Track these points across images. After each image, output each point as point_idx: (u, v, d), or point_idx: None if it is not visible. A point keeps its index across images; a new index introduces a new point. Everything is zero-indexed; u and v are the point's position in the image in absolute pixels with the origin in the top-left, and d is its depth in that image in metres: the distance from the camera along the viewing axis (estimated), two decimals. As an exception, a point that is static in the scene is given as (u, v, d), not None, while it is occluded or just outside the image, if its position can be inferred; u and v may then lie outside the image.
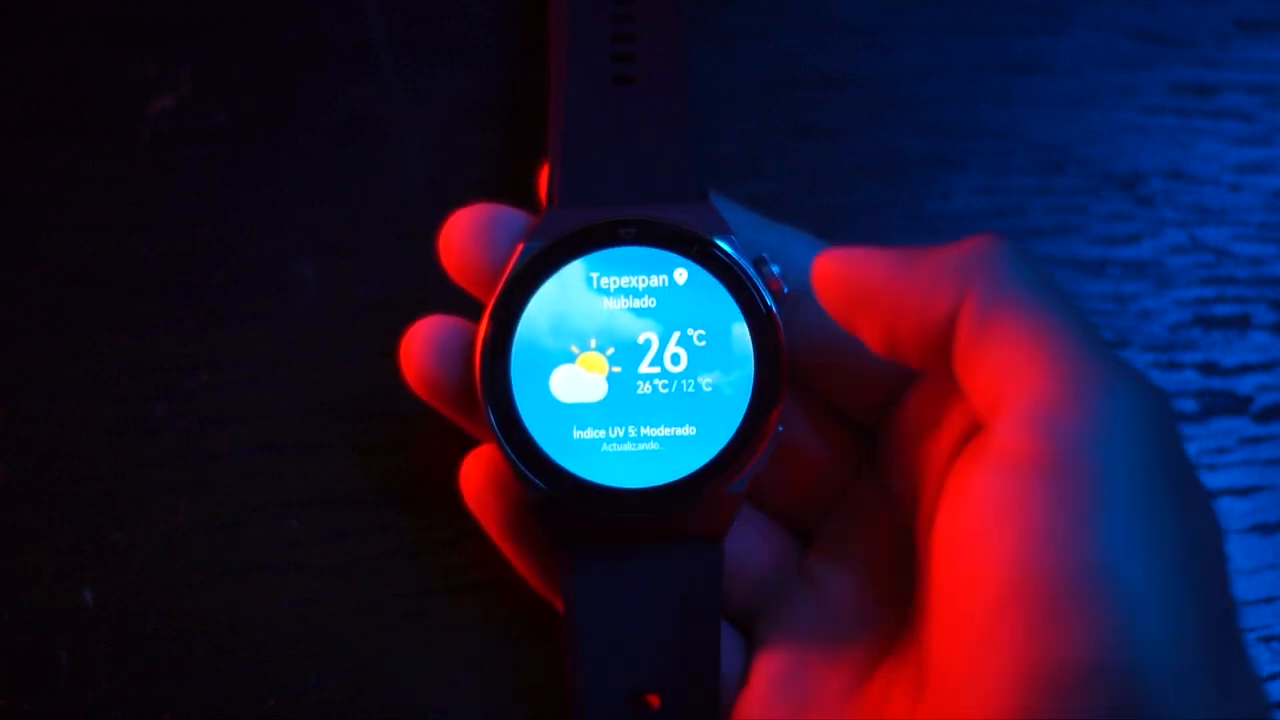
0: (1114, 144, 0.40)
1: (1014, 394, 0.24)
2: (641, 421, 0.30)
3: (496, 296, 0.31)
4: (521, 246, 0.31)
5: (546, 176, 0.32)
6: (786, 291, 0.31)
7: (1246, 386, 0.38)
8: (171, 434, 0.36)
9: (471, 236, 0.32)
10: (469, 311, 0.32)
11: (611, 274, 0.31)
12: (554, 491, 0.30)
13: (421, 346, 0.32)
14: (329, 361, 0.37)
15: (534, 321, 0.30)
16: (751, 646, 0.32)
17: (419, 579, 0.35)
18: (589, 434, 0.30)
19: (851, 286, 0.28)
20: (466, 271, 0.32)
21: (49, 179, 0.38)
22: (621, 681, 0.31)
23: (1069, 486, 0.22)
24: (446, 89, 0.39)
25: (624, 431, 0.30)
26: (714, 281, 0.31)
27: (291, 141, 0.38)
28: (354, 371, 0.36)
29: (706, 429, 0.30)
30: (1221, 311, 0.38)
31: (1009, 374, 0.24)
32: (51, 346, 0.36)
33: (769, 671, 0.30)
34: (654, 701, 0.31)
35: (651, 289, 0.31)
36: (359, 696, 0.34)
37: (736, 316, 0.30)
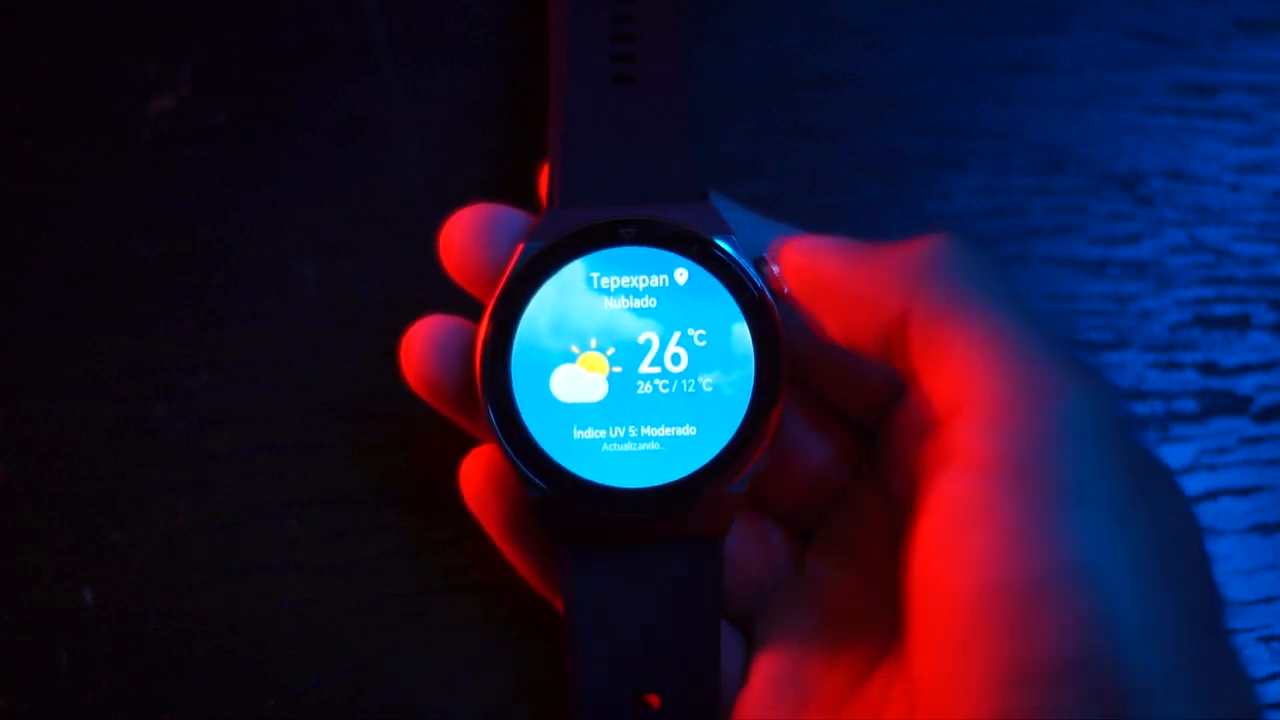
0: (1114, 144, 0.40)
1: (969, 400, 0.24)
2: (642, 421, 0.30)
3: (497, 296, 0.30)
4: (522, 246, 0.31)
5: (546, 176, 0.32)
6: (786, 291, 0.31)
7: (1246, 386, 0.38)
8: (171, 434, 0.36)
9: (471, 236, 0.32)
10: (469, 311, 0.32)
11: (612, 274, 0.31)
12: (554, 491, 0.30)
13: (421, 346, 0.32)
14: (329, 361, 0.37)
15: (534, 321, 0.30)
16: (751, 646, 0.32)
17: (419, 579, 0.35)
18: (589, 434, 0.30)
19: (810, 278, 0.28)
20: (466, 271, 0.32)
21: (49, 179, 0.38)
22: (621, 681, 0.31)
23: (1031, 489, 0.22)
24: (446, 89, 0.39)
25: (624, 431, 0.30)
26: (714, 281, 0.31)
27: (291, 141, 0.38)
28: (354, 371, 0.36)
29: (707, 429, 0.30)
30: (1221, 311, 0.38)
31: (962, 379, 0.24)
32: (51, 346, 0.36)
33: (768, 671, 0.30)
34: (654, 701, 0.31)
35: (652, 289, 0.31)
36: (359, 696, 0.34)
37: (737, 316, 0.30)
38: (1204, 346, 0.38)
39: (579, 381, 0.30)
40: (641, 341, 0.30)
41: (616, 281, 0.31)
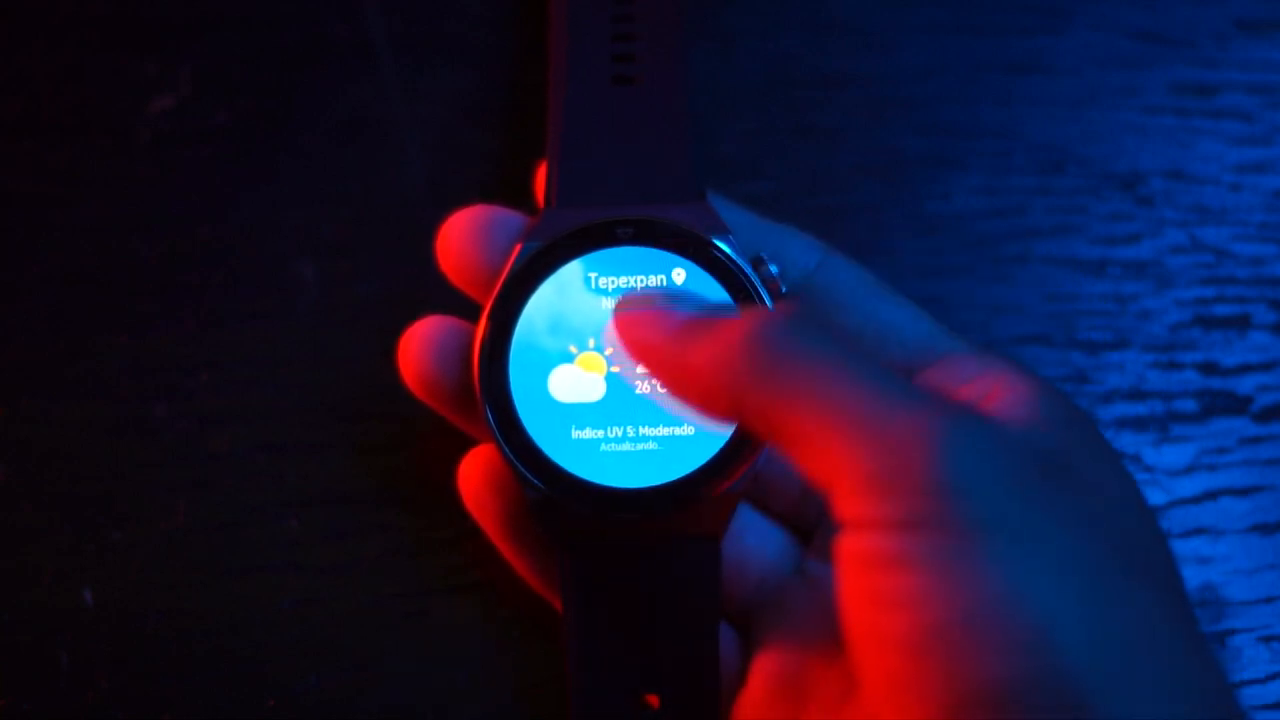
0: (1114, 144, 0.40)
1: (836, 476, 0.23)
2: (640, 421, 0.30)
3: (494, 297, 0.30)
4: (519, 247, 0.31)
5: (543, 176, 0.32)
6: (784, 291, 0.31)
7: (1246, 386, 0.38)
8: (171, 434, 0.36)
9: (469, 238, 0.32)
10: (469, 312, 0.32)
11: (610, 274, 0.31)
12: (553, 491, 0.30)
13: (420, 347, 0.32)
14: (329, 361, 0.37)
15: (532, 322, 0.30)
16: (751, 646, 0.32)
17: (419, 579, 0.35)
18: (587, 434, 0.30)
19: (643, 358, 0.27)
20: (464, 273, 0.32)
21: (49, 179, 0.38)
22: (621, 681, 0.31)
23: (928, 536, 0.22)
24: (446, 89, 0.39)
25: (622, 431, 0.30)
26: (712, 282, 0.31)
27: (291, 141, 0.38)
28: (354, 371, 0.36)
29: (705, 429, 0.30)
30: (1221, 311, 0.38)
31: (822, 459, 0.23)
32: (51, 346, 0.36)
33: (768, 671, 0.30)
34: (654, 701, 0.31)
35: (650, 289, 0.31)
36: (359, 696, 0.34)
37: (735, 316, 0.30)
38: (1204, 346, 0.38)
39: (577, 381, 0.30)
40: (640, 342, 0.30)
41: (614, 281, 0.31)
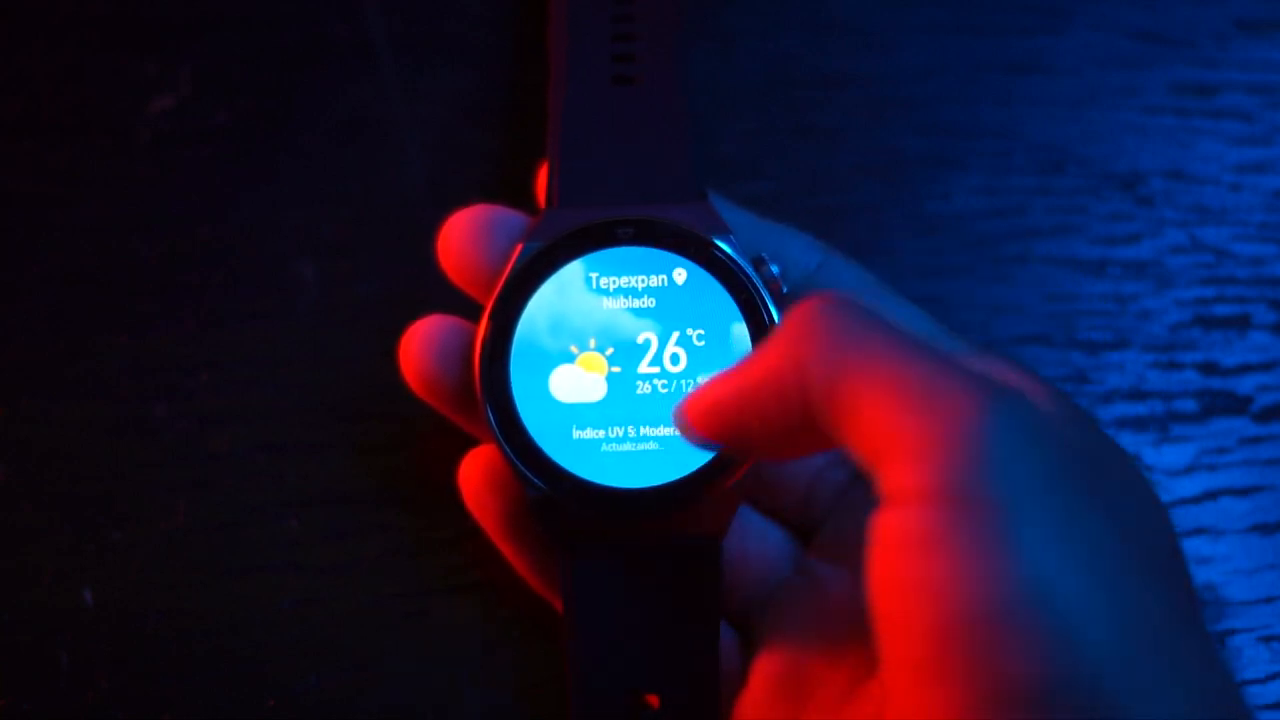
0: (1114, 144, 0.40)
1: (886, 446, 0.23)
2: (641, 421, 0.30)
3: (495, 296, 0.30)
4: (520, 247, 0.31)
5: (544, 177, 0.32)
6: (785, 291, 0.31)
7: (1246, 386, 0.38)
8: (171, 434, 0.36)
9: (470, 238, 0.32)
10: (469, 311, 0.32)
11: (610, 274, 0.31)
12: (553, 491, 0.30)
13: (421, 346, 0.32)
14: (329, 361, 0.37)
15: (533, 321, 0.30)
16: (751, 646, 0.32)
17: (419, 579, 0.35)
18: (588, 434, 0.30)
19: (716, 418, 0.27)
20: (465, 273, 0.32)
21: (49, 179, 0.38)
22: (621, 681, 0.31)
23: (967, 517, 0.22)
24: (446, 89, 0.39)
25: (623, 431, 0.30)
26: (713, 281, 0.31)
27: (291, 141, 0.38)
28: (354, 371, 0.36)
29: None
30: (1221, 311, 0.38)
31: (875, 430, 0.23)
32: (51, 346, 0.36)
33: (768, 671, 0.30)
34: (654, 701, 0.31)
35: (650, 289, 0.31)
36: (359, 696, 0.34)
37: (735, 316, 0.30)
38: (1204, 346, 0.38)
39: (578, 381, 0.30)
40: (640, 341, 0.30)
41: (615, 282, 0.31)
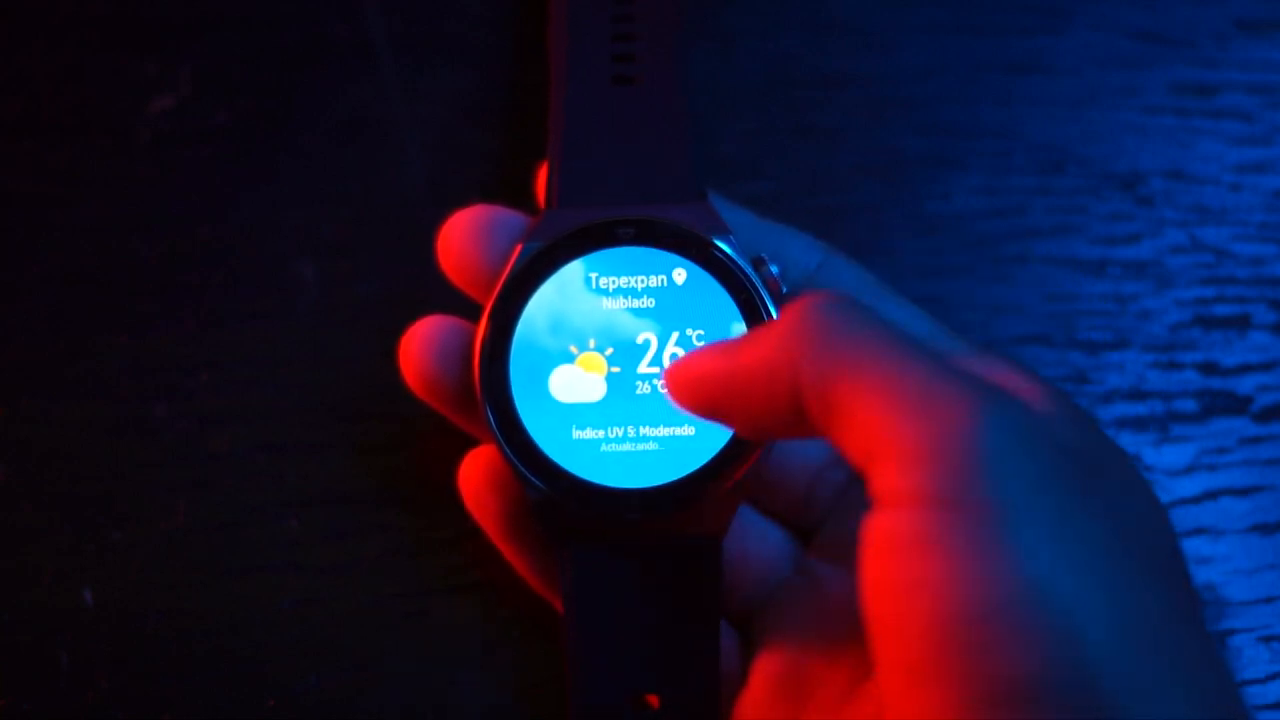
0: (1114, 144, 0.40)
1: (879, 448, 0.23)
2: (641, 421, 0.30)
3: (495, 297, 0.31)
4: (520, 247, 0.31)
5: (544, 177, 0.32)
6: (785, 291, 0.31)
7: (1246, 386, 0.38)
8: (171, 434, 0.36)
9: (470, 238, 0.32)
10: (469, 311, 0.32)
11: (610, 274, 0.31)
12: (553, 491, 0.30)
13: (421, 346, 0.32)
14: (329, 361, 0.37)
15: (533, 322, 0.30)
16: (751, 646, 0.32)
17: (419, 579, 0.35)
18: (588, 434, 0.30)
19: (701, 391, 0.27)
20: (465, 273, 0.32)
21: (49, 179, 0.38)
22: (621, 681, 0.31)
23: (962, 518, 0.22)
24: (446, 89, 0.39)
25: (623, 431, 0.30)
26: (713, 282, 0.31)
27: (291, 141, 0.38)
28: (354, 371, 0.36)
29: (705, 429, 0.30)
30: (1221, 311, 0.38)
31: (867, 431, 0.23)
32: (51, 346, 0.36)
33: (768, 671, 0.30)
34: (654, 701, 0.31)
35: (650, 289, 0.31)
36: (359, 696, 0.34)
37: (735, 317, 0.30)
38: (1204, 346, 0.38)
39: (578, 382, 0.30)
40: (640, 341, 0.30)
41: (615, 282, 0.31)
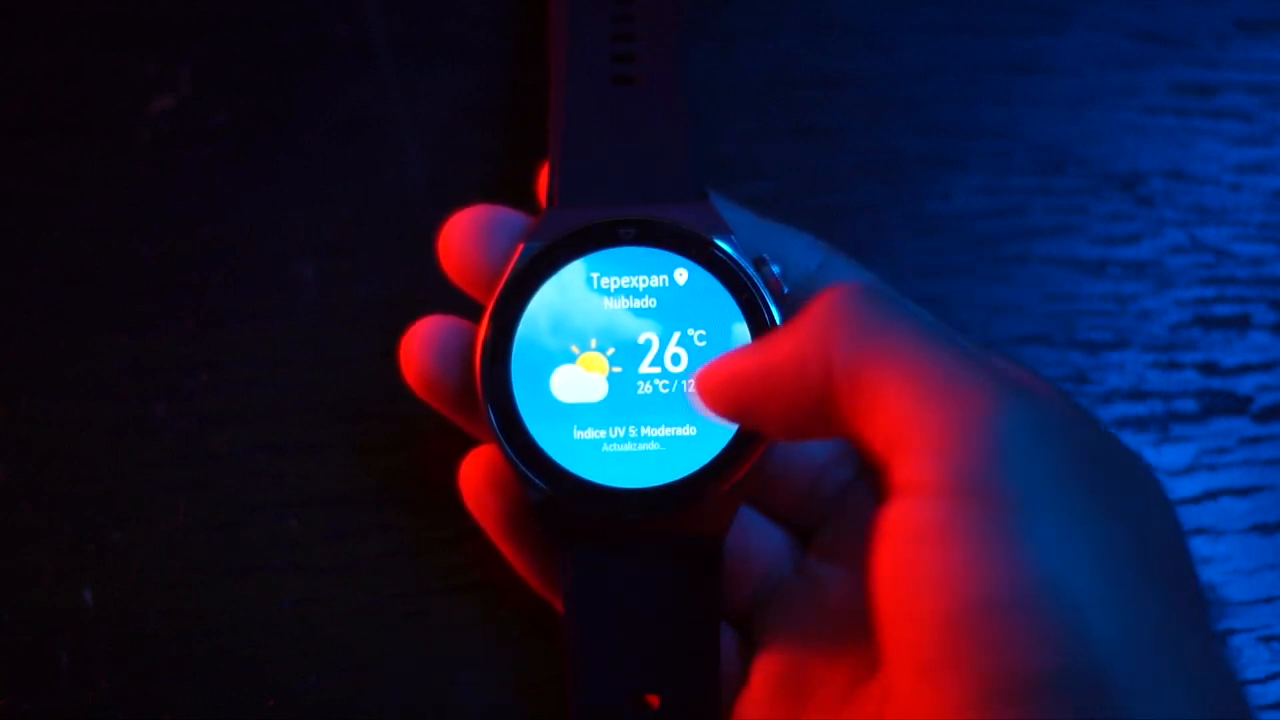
0: (1114, 144, 0.40)
1: (902, 436, 0.23)
2: (642, 421, 0.30)
3: (496, 296, 0.30)
4: (521, 247, 0.31)
5: (545, 177, 0.32)
6: (786, 291, 0.31)
7: (1246, 386, 0.38)
8: (171, 434, 0.36)
9: (470, 238, 0.32)
10: (469, 311, 0.32)
11: (612, 274, 0.31)
12: (554, 492, 0.30)
13: (421, 346, 0.32)
14: (329, 361, 0.37)
15: (534, 321, 0.30)
16: (751, 646, 0.32)
17: (419, 579, 0.35)
18: (589, 434, 0.30)
19: (732, 391, 0.27)
20: (466, 273, 0.32)
21: (49, 179, 0.38)
22: (621, 681, 0.31)
23: (980, 508, 0.22)
24: (446, 89, 0.39)
25: (624, 432, 0.30)
26: (714, 282, 0.31)
27: (291, 141, 0.38)
28: (354, 371, 0.36)
29: (707, 429, 0.30)
30: (1221, 311, 0.38)
31: (892, 418, 0.23)
32: (51, 346, 0.36)
33: (768, 671, 0.30)
34: (654, 701, 0.31)
35: (652, 289, 0.31)
36: (359, 696, 0.34)
37: (737, 316, 0.30)
38: (1204, 346, 0.38)
39: (579, 382, 0.30)
40: (641, 341, 0.30)
41: (616, 282, 0.31)
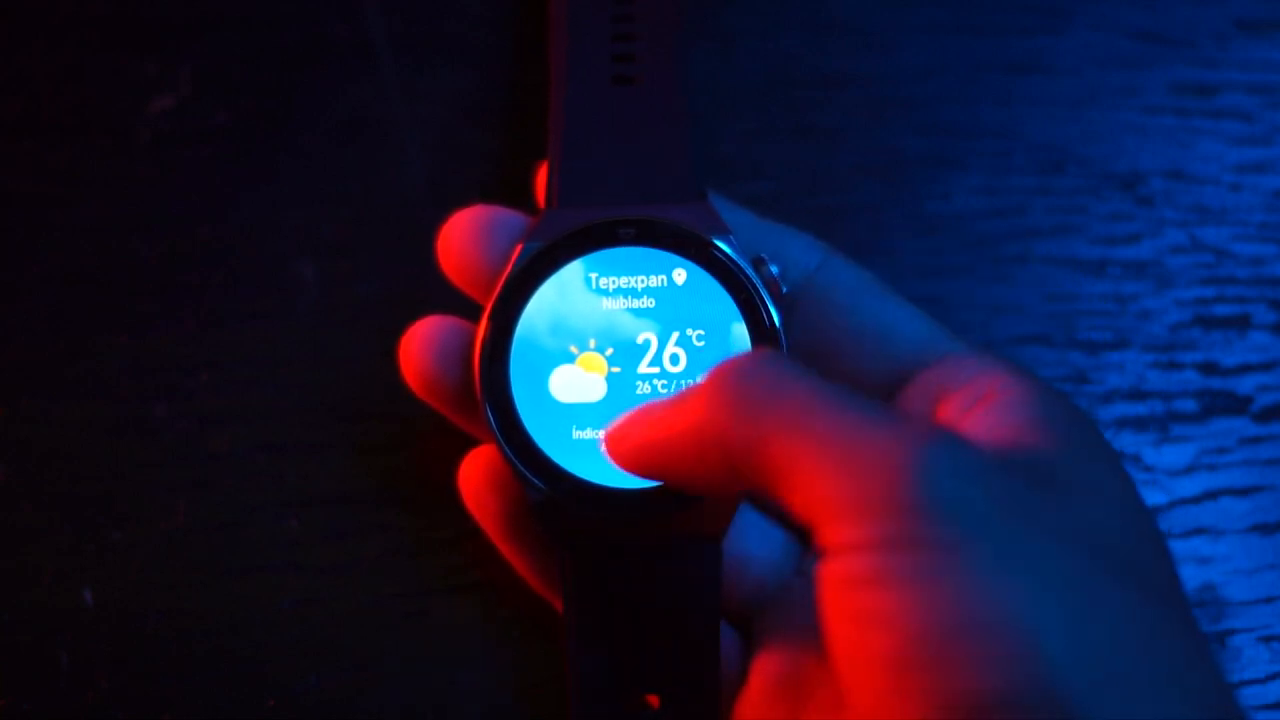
0: (1114, 144, 0.40)
1: (819, 504, 0.23)
2: (641, 422, 0.30)
3: (495, 296, 0.30)
4: (520, 247, 0.31)
5: (544, 177, 0.32)
6: (785, 292, 0.31)
7: (1246, 386, 0.38)
8: (171, 434, 0.36)
9: (470, 238, 0.32)
10: (469, 311, 0.32)
11: (610, 274, 0.31)
12: (553, 492, 0.30)
13: (421, 347, 0.32)
14: (329, 361, 0.37)
15: (533, 322, 0.30)
16: (751, 646, 0.32)
17: (419, 579, 0.35)
18: (588, 434, 0.30)
19: (641, 460, 0.27)
20: (465, 273, 0.32)
21: (49, 179, 0.38)
22: (621, 681, 0.31)
23: (912, 556, 0.22)
24: (446, 89, 0.39)
25: (623, 432, 0.30)
26: (713, 282, 0.31)
27: (291, 141, 0.38)
28: (354, 371, 0.36)
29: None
30: (1221, 311, 0.38)
31: (810, 488, 0.24)
32: (51, 346, 0.36)
33: (768, 671, 0.30)
34: (654, 701, 0.31)
35: (650, 289, 0.31)
36: (359, 696, 0.34)
37: (735, 317, 0.30)
38: (1204, 346, 0.38)
39: (578, 382, 0.30)
40: (640, 342, 0.30)
41: (615, 282, 0.31)
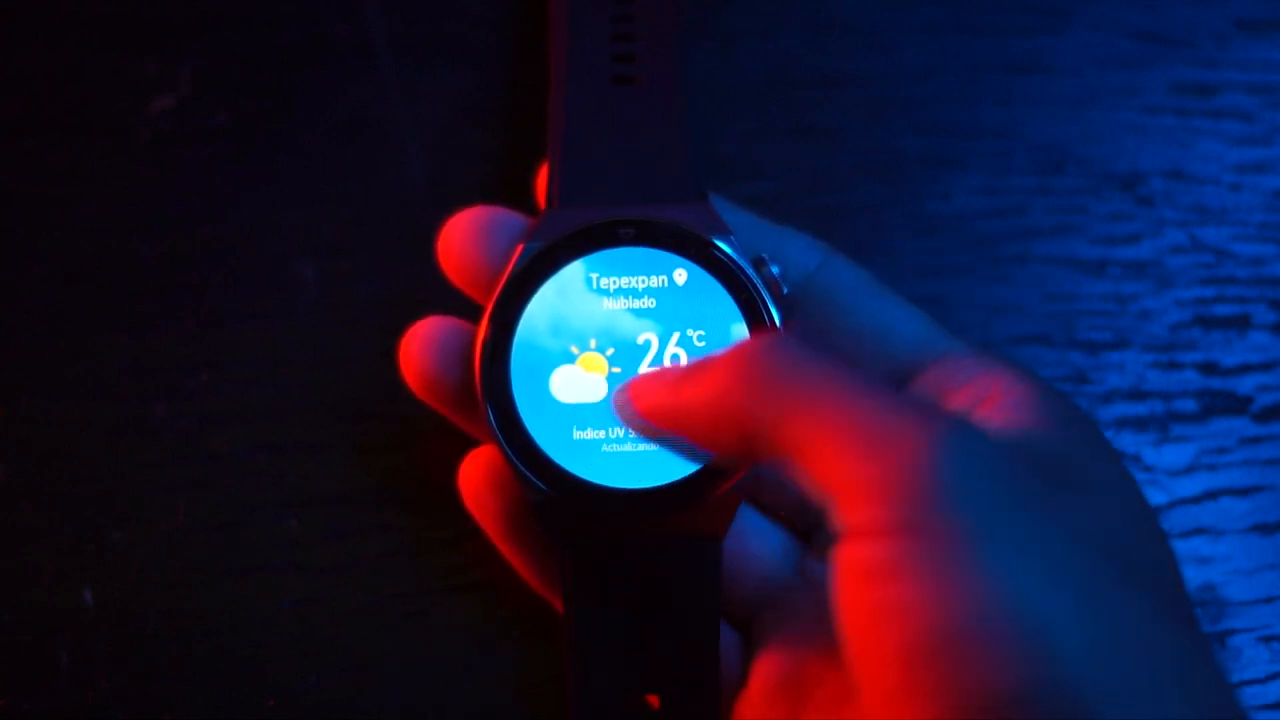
0: (1114, 144, 0.40)
1: (839, 484, 0.23)
2: (641, 422, 0.30)
3: (496, 297, 0.30)
4: (521, 247, 0.31)
5: (544, 177, 0.32)
6: (785, 292, 0.31)
7: (1246, 386, 0.38)
8: (171, 434, 0.36)
9: (470, 239, 0.32)
10: (469, 311, 0.32)
11: (611, 274, 0.31)
12: (554, 492, 0.30)
13: (421, 347, 0.32)
14: (329, 361, 0.37)
15: (533, 322, 0.30)
16: (751, 646, 0.32)
17: (419, 579, 0.35)
18: (589, 434, 0.30)
19: (648, 423, 0.27)
20: (465, 274, 0.32)
21: (49, 179, 0.38)
22: (621, 681, 0.31)
23: (927, 544, 0.22)
24: (446, 89, 0.39)
25: (624, 432, 0.30)
26: (713, 282, 0.31)
27: (291, 141, 0.38)
28: (354, 371, 0.36)
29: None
30: (1221, 311, 0.38)
31: (825, 468, 0.24)
32: (51, 346, 0.36)
33: (768, 672, 0.30)
34: (654, 701, 0.31)
35: (651, 289, 0.31)
36: (359, 696, 0.34)
37: (736, 317, 0.30)
38: (1204, 346, 0.38)
39: (578, 382, 0.30)
40: (641, 342, 0.30)
41: (616, 282, 0.31)
